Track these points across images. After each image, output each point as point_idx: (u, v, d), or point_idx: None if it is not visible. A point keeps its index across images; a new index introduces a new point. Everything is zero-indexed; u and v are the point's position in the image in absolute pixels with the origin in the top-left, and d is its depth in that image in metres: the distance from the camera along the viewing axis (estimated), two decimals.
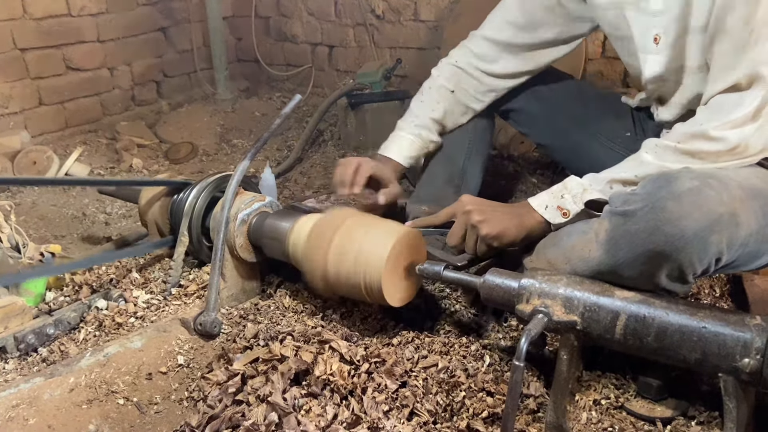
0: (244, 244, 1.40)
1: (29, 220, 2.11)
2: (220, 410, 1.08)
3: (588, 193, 1.21)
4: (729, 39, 1.11)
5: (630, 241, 1.02)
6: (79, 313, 1.36)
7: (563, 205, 1.23)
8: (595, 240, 1.09)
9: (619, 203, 1.06)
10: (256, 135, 3.02)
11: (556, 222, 1.23)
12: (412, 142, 1.57)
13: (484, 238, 1.24)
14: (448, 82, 1.58)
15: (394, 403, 1.06)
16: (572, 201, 1.22)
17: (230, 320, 1.35)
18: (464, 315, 1.39)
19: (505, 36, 1.52)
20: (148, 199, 1.60)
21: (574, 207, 1.22)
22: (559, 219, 1.23)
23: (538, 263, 1.20)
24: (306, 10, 3.47)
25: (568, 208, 1.22)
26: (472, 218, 1.25)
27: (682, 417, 1.07)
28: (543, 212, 1.24)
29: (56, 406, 1.10)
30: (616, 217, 1.05)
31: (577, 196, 1.22)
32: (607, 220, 1.07)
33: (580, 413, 1.09)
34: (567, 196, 1.23)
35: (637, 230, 1.01)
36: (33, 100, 2.78)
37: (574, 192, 1.22)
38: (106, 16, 3.01)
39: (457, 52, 1.60)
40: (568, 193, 1.23)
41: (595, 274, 1.09)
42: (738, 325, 0.94)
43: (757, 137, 1.11)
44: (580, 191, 1.22)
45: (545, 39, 1.51)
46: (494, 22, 1.55)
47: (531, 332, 1.01)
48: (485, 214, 1.25)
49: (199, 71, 3.52)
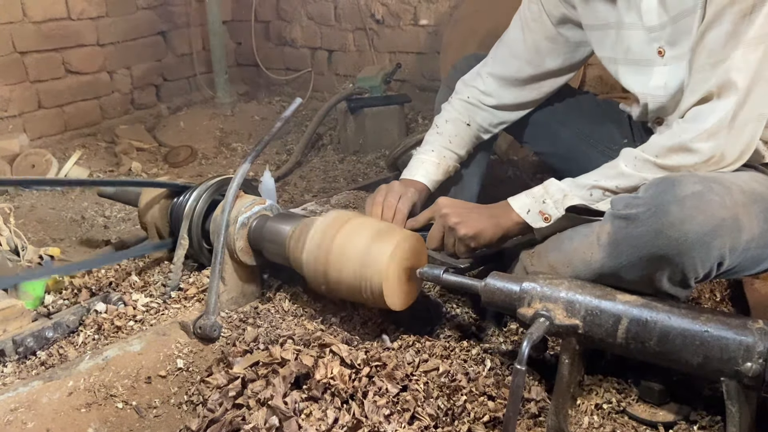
0: (244, 248, 1.39)
1: (28, 223, 2.10)
2: (220, 414, 1.08)
3: (569, 199, 1.22)
4: (707, 53, 1.10)
5: (632, 244, 1.02)
6: (78, 316, 1.35)
7: (545, 210, 1.24)
8: (597, 243, 1.09)
9: (622, 206, 1.05)
10: (256, 139, 3.02)
11: (537, 226, 1.24)
12: (438, 165, 1.55)
13: (461, 239, 1.27)
14: (463, 116, 1.57)
15: (395, 407, 1.06)
16: (553, 206, 1.23)
17: (230, 324, 1.34)
18: (465, 319, 1.38)
19: (511, 71, 1.51)
20: (148, 202, 1.59)
21: (555, 212, 1.23)
22: (541, 223, 1.24)
23: (539, 266, 1.20)
24: (306, 14, 3.47)
25: (549, 213, 1.23)
26: (448, 221, 1.28)
27: (684, 421, 1.07)
28: (525, 216, 1.25)
29: (55, 409, 1.09)
30: (618, 221, 1.05)
31: (558, 201, 1.23)
32: (609, 223, 1.07)
33: (581, 417, 1.09)
34: (548, 201, 1.24)
35: (639, 233, 1.01)
36: (32, 103, 2.78)
37: (555, 197, 1.23)
38: (106, 20, 3.01)
39: (466, 90, 1.58)
40: (550, 198, 1.24)
41: (597, 278, 1.09)
42: (740, 329, 0.94)
43: (732, 145, 1.10)
44: (561, 197, 1.23)
45: (551, 68, 1.50)
46: (498, 57, 1.54)
47: (532, 336, 1.00)
48: (461, 216, 1.27)
49: (198, 75, 3.53)
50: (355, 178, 2.50)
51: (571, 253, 1.15)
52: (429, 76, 3.15)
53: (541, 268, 1.19)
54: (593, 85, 2.60)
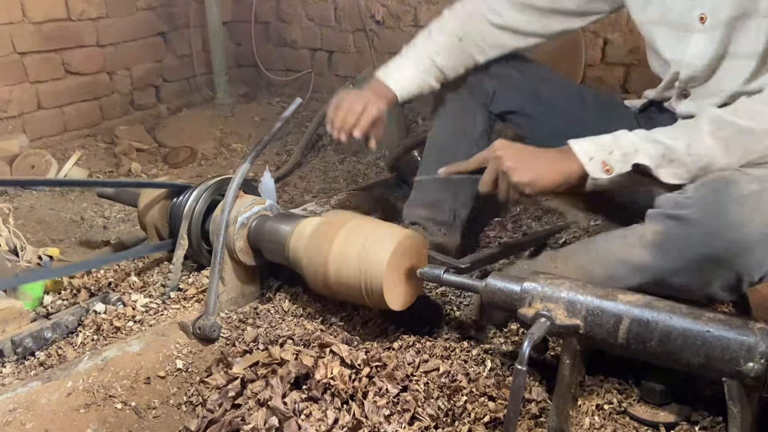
0: (244, 248, 1.39)
1: (27, 223, 2.10)
2: (219, 414, 1.07)
3: (639, 155, 1.11)
4: None
5: (683, 245, 0.98)
6: (77, 316, 1.35)
7: (609, 162, 1.12)
8: (640, 243, 1.05)
9: (671, 205, 1.02)
10: (255, 140, 3.02)
11: (596, 176, 1.13)
12: (414, 78, 1.50)
13: (515, 185, 1.17)
14: (458, 28, 1.51)
15: (395, 408, 1.05)
16: (621, 159, 1.12)
17: (229, 324, 1.34)
18: (465, 319, 1.38)
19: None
20: (147, 203, 1.59)
21: (620, 166, 1.12)
22: (600, 175, 1.13)
23: (566, 270, 1.15)
24: (306, 15, 3.47)
25: (612, 165, 1.12)
26: (503, 164, 1.18)
27: (686, 422, 1.06)
28: (586, 163, 1.14)
29: (53, 410, 1.09)
30: (668, 221, 1.01)
31: (628, 155, 1.11)
32: (657, 223, 1.03)
33: (582, 418, 1.08)
34: (616, 153, 1.12)
35: (692, 234, 0.97)
36: (32, 103, 2.78)
37: (625, 149, 1.12)
38: (106, 21, 3.01)
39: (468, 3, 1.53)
40: (618, 149, 1.12)
41: (639, 279, 1.05)
42: (742, 329, 0.94)
43: None
44: (632, 151, 1.12)
45: (566, 7, 1.45)
46: None
47: (533, 336, 1.00)
48: (517, 160, 1.17)
49: (198, 76, 3.52)
50: (355, 179, 2.49)
51: (606, 253, 1.10)
52: None
53: (568, 272, 1.14)
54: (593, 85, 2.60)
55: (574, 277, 1.10)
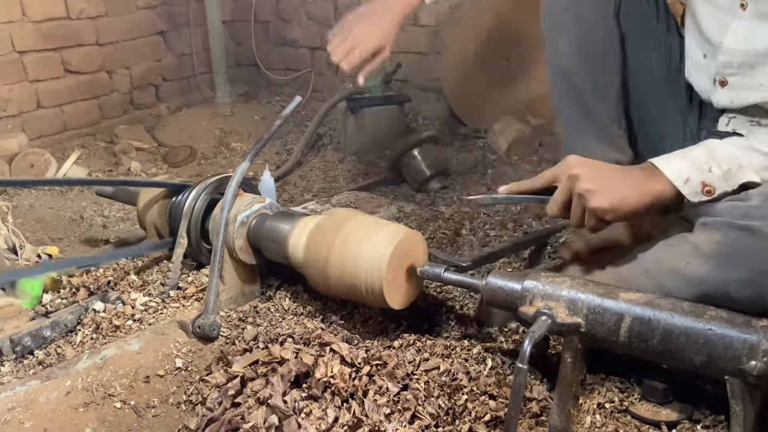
0: (244, 246, 1.38)
1: (26, 222, 2.09)
2: (219, 413, 1.07)
3: (746, 171, 0.99)
4: None
5: (752, 258, 0.93)
6: (76, 315, 1.35)
7: (709, 181, 0.99)
8: (696, 254, 0.99)
9: (738, 216, 0.95)
10: (255, 139, 3.02)
11: (695, 201, 1.01)
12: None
13: (594, 211, 1.03)
14: None
15: (396, 406, 1.05)
16: (722, 178, 0.99)
17: (229, 323, 1.34)
18: (466, 317, 1.37)
19: None
20: (147, 202, 1.58)
21: (723, 185, 0.99)
22: (701, 198, 1.00)
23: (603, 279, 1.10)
24: (306, 14, 3.47)
25: (714, 185, 0.99)
26: (579, 186, 1.04)
27: (688, 421, 1.06)
28: (682, 186, 1.00)
29: (52, 409, 1.08)
30: (735, 231, 0.95)
31: (732, 172, 0.99)
32: (718, 233, 0.97)
33: (584, 417, 1.08)
34: (715, 170, 0.99)
35: (764, 248, 0.92)
36: (31, 102, 2.77)
37: (726, 166, 1.00)
38: (105, 20, 3.00)
39: None
40: (717, 166, 1.00)
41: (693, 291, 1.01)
42: (744, 327, 0.93)
43: None
44: (736, 166, 0.99)
45: None
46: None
47: (534, 334, 0.99)
48: (596, 181, 1.03)
49: (198, 75, 3.52)
50: (355, 178, 2.49)
51: (653, 263, 1.05)
52: (429, 76, 3.14)
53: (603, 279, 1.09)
54: None
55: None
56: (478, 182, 2.30)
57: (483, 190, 2.19)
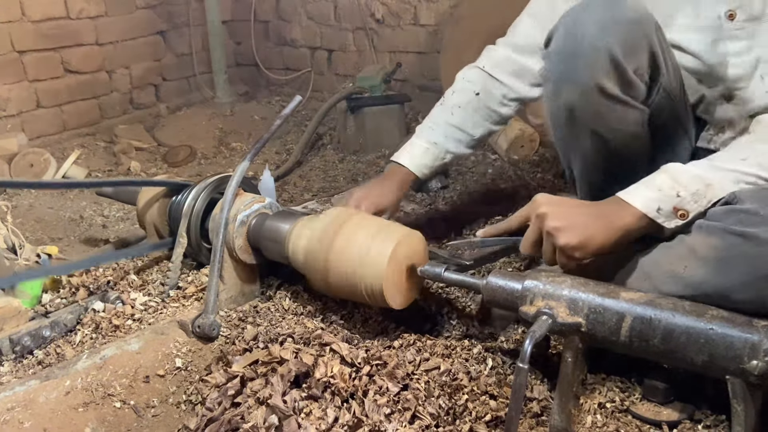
0: (244, 246, 1.38)
1: (26, 222, 2.09)
2: (219, 413, 1.06)
3: (715, 189, 1.01)
4: None
5: (749, 264, 0.94)
6: (75, 315, 1.35)
7: (681, 205, 1.01)
8: (693, 257, 1.00)
9: (733, 222, 0.96)
10: (255, 138, 3.02)
11: (671, 226, 1.03)
12: (426, 151, 1.44)
13: (563, 249, 1.05)
14: (473, 84, 1.46)
15: (396, 406, 1.05)
16: (692, 200, 1.01)
17: (229, 322, 1.33)
18: (466, 317, 1.37)
19: (533, 39, 1.36)
20: (147, 201, 1.58)
21: (695, 207, 1.01)
22: (677, 222, 1.02)
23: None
24: (305, 14, 3.47)
25: (687, 208, 1.01)
26: (547, 224, 1.06)
27: (689, 420, 1.06)
28: (655, 215, 1.02)
29: (52, 409, 1.08)
30: (732, 237, 0.96)
31: (700, 194, 1.01)
32: (714, 237, 0.98)
33: (584, 417, 1.08)
34: (683, 194, 1.01)
35: (761, 253, 0.93)
36: (31, 102, 2.77)
37: (693, 188, 1.01)
38: (105, 19, 3.00)
39: (483, 58, 1.48)
40: (684, 189, 1.01)
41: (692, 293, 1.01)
42: (746, 327, 0.93)
43: None
44: (703, 187, 1.01)
45: None
46: (521, 27, 1.43)
47: (535, 334, 0.99)
48: (563, 219, 1.05)
49: (198, 75, 3.52)
50: (355, 178, 2.49)
51: (650, 267, 1.05)
52: (429, 76, 3.14)
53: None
54: None
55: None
56: (478, 182, 2.30)
57: (482, 191, 2.18)
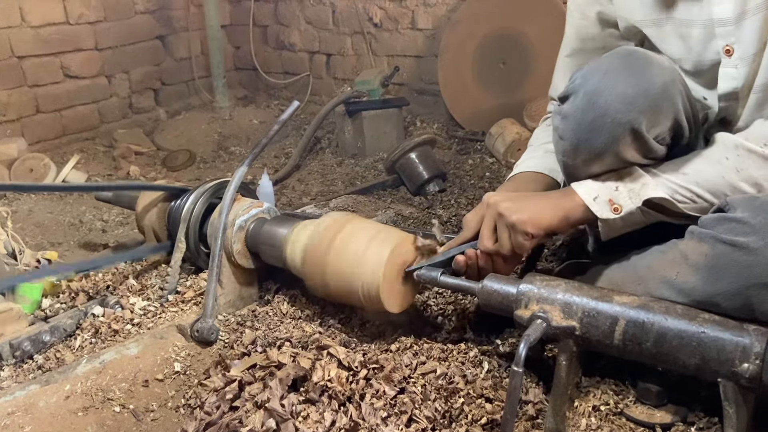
0: (242, 251, 1.39)
1: (26, 227, 2.10)
2: (217, 417, 1.07)
3: (649, 188, 1.04)
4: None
5: (739, 273, 0.95)
6: (75, 320, 1.35)
7: (616, 199, 1.05)
8: (685, 263, 1.01)
9: (724, 231, 0.97)
10: (254, 143, 3.03)
11: (604, 217, 1.06)
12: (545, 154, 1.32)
13: (514, 224, 1.08)
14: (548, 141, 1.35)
15: (393, 410, 1.06)
16: (627, 196, 1.05)
17: (227, 327, 1.34)
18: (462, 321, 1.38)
19: None
20: (145, 206, 1.59)
21: (628, 203, 1.05)
22: (609, 214, 1.05)
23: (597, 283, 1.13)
24: (304, 18, 3.48)
25: (620, 203, 1.05)
26: (499, 207, 1.11)
27: (682, 423, 1.07)
28: (591, 203, 1.06)
29: (52, 413, 1.09)
30: (722, 245, 0.97)
31: (635, 191, 1.05)
32: (705, 244, 0.99)
33: (579, 419, 1.08)
34: (622, 189, 1.05)
35: (751, 263, 0.94)
36: (30, 107, 2.79)
37: (630, 185, 1.05)
38: (104, 24, 3.02)
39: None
40: (624, 185, 1.06)
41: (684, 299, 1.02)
42: (737, 330, 0.94)
43: None
44: (638, 186, 1.05)
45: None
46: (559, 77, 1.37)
47: (530, 338, 1.00)
48: (514, 201, 1.11)
49: (197, 79, 3.53)
50: (354, 182, 2.50)
51: (643, 270, 1.07)
52: (427, 80, 3.15)
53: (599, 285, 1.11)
54: None
55: None
56: (476, 185, 2.31)
57: (480, 194, 2.19)
